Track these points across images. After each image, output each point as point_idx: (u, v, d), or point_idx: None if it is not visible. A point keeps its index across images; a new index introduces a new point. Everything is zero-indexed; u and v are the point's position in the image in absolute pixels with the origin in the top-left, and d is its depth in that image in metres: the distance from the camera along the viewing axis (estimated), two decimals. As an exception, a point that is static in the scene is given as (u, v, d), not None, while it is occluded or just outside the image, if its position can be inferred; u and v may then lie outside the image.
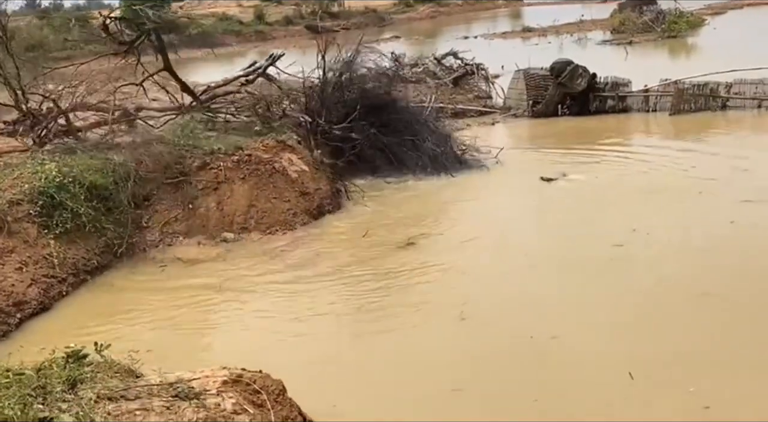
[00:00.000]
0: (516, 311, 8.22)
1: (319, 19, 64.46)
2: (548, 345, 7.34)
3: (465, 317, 8.04)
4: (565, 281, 8.98)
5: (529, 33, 44.16)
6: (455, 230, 11.11)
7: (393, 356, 7.48)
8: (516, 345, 7.40)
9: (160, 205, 11.19)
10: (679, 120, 17.27)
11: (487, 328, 7.89)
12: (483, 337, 7.71)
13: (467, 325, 7.94)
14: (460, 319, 8.02)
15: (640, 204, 11.54)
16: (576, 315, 8.01)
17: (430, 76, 22.44)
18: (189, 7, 75.91)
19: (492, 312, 8.26)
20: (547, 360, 7.10)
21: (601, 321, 7.82)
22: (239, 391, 4.85)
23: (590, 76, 18.36)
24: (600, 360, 7.02)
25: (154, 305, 9.14)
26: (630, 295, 8.40)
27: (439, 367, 7.15)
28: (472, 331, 7.85)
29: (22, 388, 4.39)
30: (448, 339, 7.78)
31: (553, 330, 7.56)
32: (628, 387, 6.45)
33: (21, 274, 9.01)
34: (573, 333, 7.55)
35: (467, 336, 7.79)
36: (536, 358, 7.14)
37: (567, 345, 7.33)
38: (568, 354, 7.17)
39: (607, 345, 7.30)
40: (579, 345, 7.32)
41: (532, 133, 17.66)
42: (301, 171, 12.08)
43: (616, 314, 7.95)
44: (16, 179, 10.11)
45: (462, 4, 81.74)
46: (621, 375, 6.58)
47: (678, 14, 37.30)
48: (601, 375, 6.78)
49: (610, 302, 8.27)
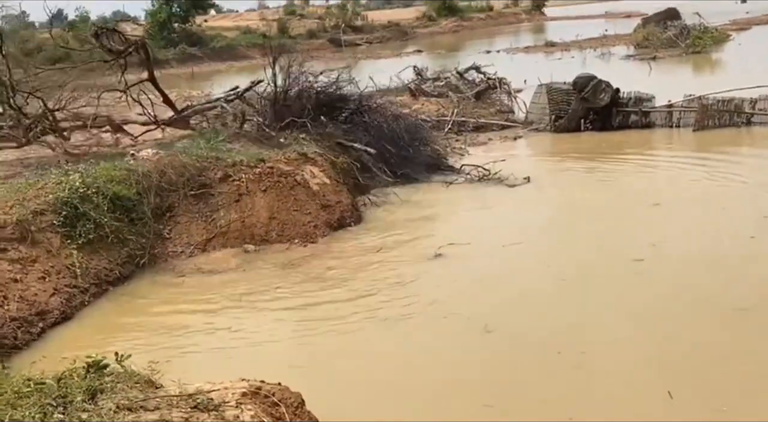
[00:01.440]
0: (541, 326, 8.17)
1: (342, 32, 64.85)
2: (578, 359, 7.27)
3: (491, 329, 8.02)
4: (591, 294, 8.94)
5: (552, 48, 44.14)
6: (480, 242, 11.07)
7: (419, 370, 7.43)
8: (545, 361, 7.35)
9: (183, 216, 11.25)
10: (703, 136, 17.15)
11: (514, 341, 7.85)
12: (510, 351, 7.68)
13: (493, 338, 7.91)
14: (485, 331, 8.00)
15: (662, 218, 11.48)
16: (605, 330, 7.95)
17: (452, 90, 22.46)
18: (213, 20, 76.68)
19: (518, 326, 8.22)
20: (578, 375, 7.04)
21: (630, 336, 7.74)
22: (258, 403, 4.85)
23: (613, 91, 18.27)
24: (634, 376, 6.94)
25: (174, 315, 9.17)
26: (659, 306, 8.37)
27: (469, 382, 7.11)
28: (498, 344, 7.82)
29: (43, 397, 4.43)
30: (476, 352, 7.74)
31: (581, 346, 7.51)
32: (668, 407, 6.34)
33: (44, 284, 9.08)
34: (602, 349, 7.48)
35: (494, 349, 7.75)
36: (566, 374, 7.08)
37: (597, 361, 7.26)
38: (600, 371, 7.10)
39: (639, 361, 7.22)
40: (610, 362, 7.23)
41: (554, 147, 17.57)
42: (323, 184, 12.11)
43: (645, 327, 7.89)
44: (40, 190, 10.22)
45: (485, 19, 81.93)
46: (658, 393, 6.49)
47: (703, 29, 37.10)
48: (637, 392, 6.67)
49: (638, 316, 8.20)
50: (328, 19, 71.14)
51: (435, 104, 21.32)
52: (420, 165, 15.11)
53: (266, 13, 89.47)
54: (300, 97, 14.76)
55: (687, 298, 8.63)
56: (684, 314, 8.23)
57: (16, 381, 4.69)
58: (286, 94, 14.77)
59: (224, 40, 59.96)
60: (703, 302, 8.45)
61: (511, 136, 18.53)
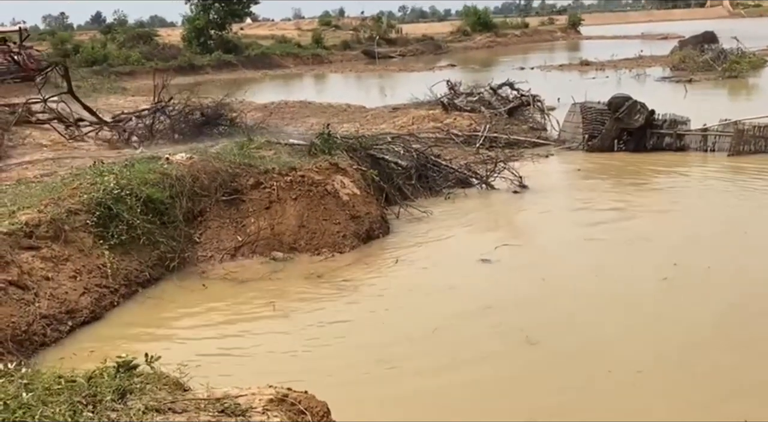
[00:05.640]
0: (585, 342, 8.19)
1: (377, 45, 65.12)
2: (632, 378, 7.23)
3: (533, 342, 8.04)
4: (633, 311, 8.96)
5: (587, 66, 43.98)
6: (512, 256, 11.12)
7: (457, 387, 7.34)
8: (594, 377, 7.34)
9: (213, 221, 11.33)
10: (737, 161, 16.96)
11: (559, 355, 7.85)
12: (555, 365, 7.67)
13: (538, 351, 7.95)
14: (528, 343, 8.02)
15: (697, 239, 11.51)
16: (652, 348, 7.93)
17: (485, 105, 22.45)
18: (249, 28, 77.35)
19: (562, 341, 8.21)
20: (630, 394, 6.99)
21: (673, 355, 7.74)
22: (284, 410, 4.85)
23: (648, 112, 18.13)
24: (690, 395, 6.92)
25: (202, 320, 9.22)
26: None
27: (513, 396, 7.11)
28: (543, 358, 7.84)
29: (73, 395, 4.46)
30: (521, 366, 7.74)
31: (635, 364, 7.48)
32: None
33: (75, 282, 9.18)
34: (656, 368, 7.45)
35: (540, 363, 7.75)
36: (617, 392, 7.06)
37: (650, 381, 7.20)
38: (652, 391, 7.05)
39: (692, 380, 7.22)
40: (661, 382, 7.19)
41: (588, 166, 17.49)
42: (353, 194, 12.13)
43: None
44: (75, 189, 10.34)
45: (519, 35, 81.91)
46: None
47: (740, 54, 36.79)
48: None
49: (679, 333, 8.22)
50: (362, 31, 71.58)
51: (467, 119, 21.32)
52: (447, 178, 15.29)
53: (301, 23, 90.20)
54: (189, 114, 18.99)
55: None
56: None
57: (46, 378, 4.73)
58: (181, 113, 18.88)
59: (259, 48, 60.51)
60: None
61: (543, 154, 18.45)
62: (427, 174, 14.91)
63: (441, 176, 15.18)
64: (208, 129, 18.40)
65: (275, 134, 17.61)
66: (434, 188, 14.83)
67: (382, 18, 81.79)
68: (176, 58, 53.27)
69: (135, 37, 59.62)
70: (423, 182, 14.72)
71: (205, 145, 14.28)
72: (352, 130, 20.17)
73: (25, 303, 8.39)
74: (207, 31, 58.80)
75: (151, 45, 57.49)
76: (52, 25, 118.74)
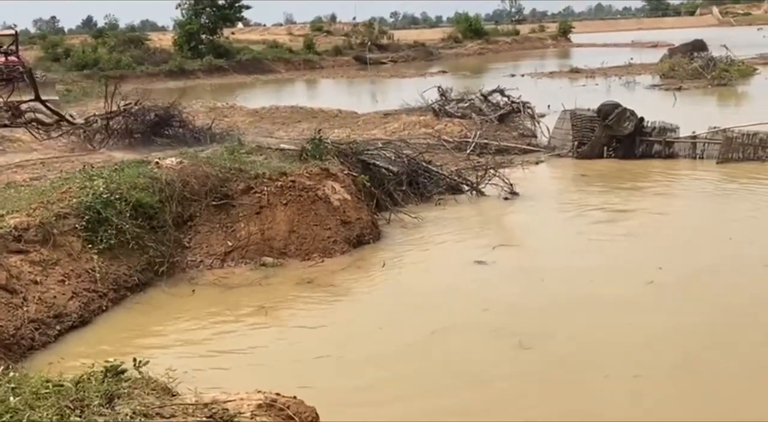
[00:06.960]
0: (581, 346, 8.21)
1: (368, 50, 65.19)
2: (631, 383, 7.24)
3: (526, 346, 8.04)
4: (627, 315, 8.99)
5: (577, 74, 44.17)
6: (502, 261, 11.13)
7: (449, 388, 7.37)
8: (593, 382, 7.34)
9: (203, 226, 11.29)
10: (726, 168, 17.05)
11: (553, 358, 7.86)
12: (552, 368, 7.68)
13: (532, 354, 7.95)
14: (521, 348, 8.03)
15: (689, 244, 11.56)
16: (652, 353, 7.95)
17: (476, 111, 22.51)
18: (240, 33, 77.28)
19: (554, 343, 8.23)
20: (635, 401, 6.99)
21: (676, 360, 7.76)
22: (273, 416, 4.84)
23: (638, 120, 18.20)
24: (689, 399, 6.93)
25: (191, 326, 9.19)
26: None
27: (513, 399, 7.12)
28: (537, 360, 7.84)
29: (61, 400, 4.45)
30: (516, 368, 7.75)
31: (632, 368, 7.49)
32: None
33: (63, 286, 9.14)
34: (654, 372, 7.46)
35: (537, 366, 7.75)
36: (620, 398, 7.05)
37: (648, 386, 7.21)
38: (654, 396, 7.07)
39: (694, 386, 7.23)
40: (659, 386, 7.21)
41: (578, 172, 17.55)
42: (344, 200, 12.12)
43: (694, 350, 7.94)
44: (64, 193, 10.30)
45: (510, 42, 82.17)
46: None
47: (729, 62, 36.97)
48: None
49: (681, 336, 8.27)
50: (354, 37, 71.66)
51: (458, 125, 21.36)
52: (437, 184, 15.30)
53: (293, 28, 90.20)
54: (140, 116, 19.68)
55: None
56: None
57: (34, 382, 4.71)
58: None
59: (251, 53, 60.49)
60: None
61: (533, 160, 18.50)
62: (417, 180, 14.96)
63: (432, 182, 15.23)
64: (159, 129, 19.46)
65: (230, 133, 19.42)
66: (425, 194, 14.85)
67: (373, 24, 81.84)
68: (167, 63, 53.33)
69: (126, 41, 59.51)
70: (414, 187, 14.76)
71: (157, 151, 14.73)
72: (343, 135, 20.14)
73: (13, 307, 8.36)
74: (198, 35, 58.75)
75: (142, 49, 57.42)
76: (43, 28, 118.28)
